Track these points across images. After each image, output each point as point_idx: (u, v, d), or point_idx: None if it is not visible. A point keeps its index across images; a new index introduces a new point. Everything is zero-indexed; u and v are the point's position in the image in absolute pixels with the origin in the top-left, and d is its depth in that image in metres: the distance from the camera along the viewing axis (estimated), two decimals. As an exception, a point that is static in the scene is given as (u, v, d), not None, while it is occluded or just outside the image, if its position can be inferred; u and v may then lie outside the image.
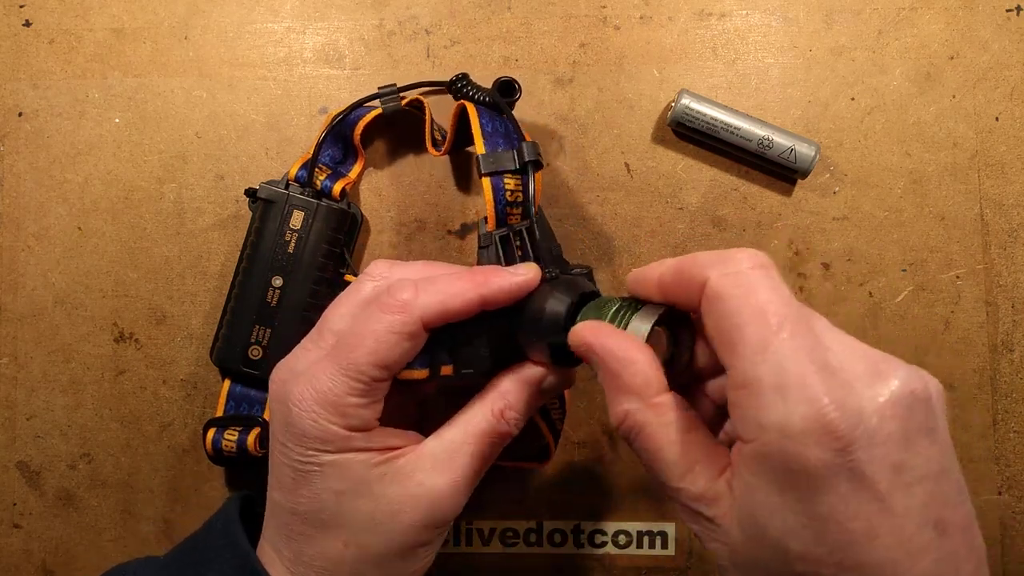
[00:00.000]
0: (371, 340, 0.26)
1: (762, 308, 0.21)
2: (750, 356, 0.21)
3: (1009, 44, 0.38)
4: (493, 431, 0.28)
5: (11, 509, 0.38)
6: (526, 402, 0.29)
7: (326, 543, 0.28)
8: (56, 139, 0.39)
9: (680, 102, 0.37)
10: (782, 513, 0.20)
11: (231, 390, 0.36)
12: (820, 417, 0.20)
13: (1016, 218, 0.38)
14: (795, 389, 0.20)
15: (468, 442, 0.28)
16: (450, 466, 0.28)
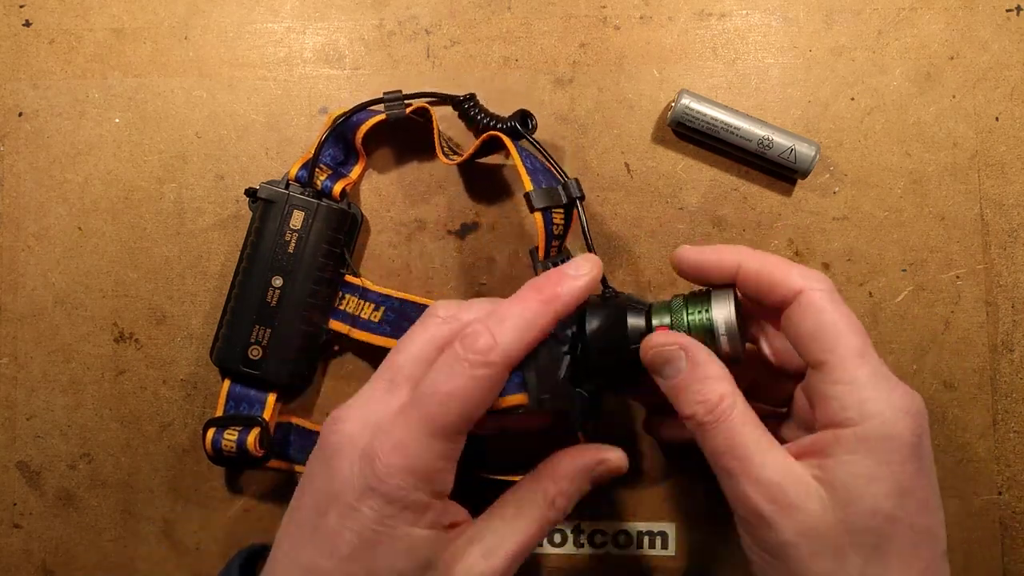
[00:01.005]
0: (459, 399, 0.25)
1: (852, 324, 0.27)
2: (851, 359, 0.26)
3: (1009, 44, 0.38)
4: (544, 519, 0.28)
5: (11, 509, 0.38)
6: (578, 489, 0.29)
7: None
8: (56, 139, 0.39)
9: (680, 102, 0.37)
10: (878, 482, 0.25)
11: (231, 390, 0.36)
12: (914, 408, 0.26)
13: (1016, 218, 0.38)
14: (891, 386, 0.26)
15: (518, 531, 0.28)
16: (500, 554, 0.27)
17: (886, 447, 0.25)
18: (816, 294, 0.27)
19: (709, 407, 0.27)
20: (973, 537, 0.38)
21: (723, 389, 0.27)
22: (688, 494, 0.38)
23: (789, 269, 0.28)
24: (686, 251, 0.30)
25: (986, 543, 0.38)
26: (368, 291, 0.37)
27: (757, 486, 0.26)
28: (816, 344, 0.27)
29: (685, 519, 0.38)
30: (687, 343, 0.28)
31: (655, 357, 0.28)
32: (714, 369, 0.27)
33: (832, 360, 0.26)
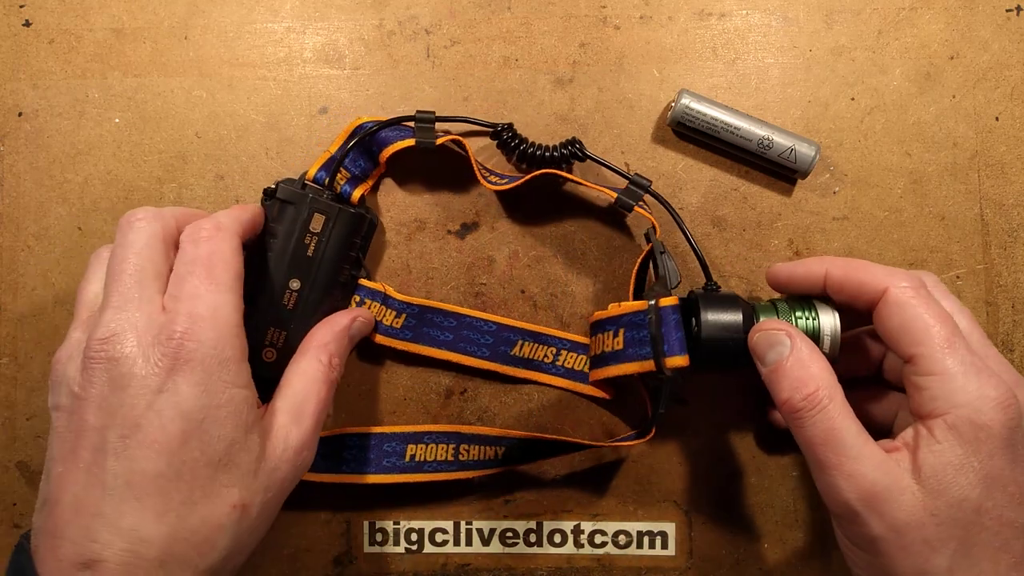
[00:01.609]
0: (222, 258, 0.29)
1: (940, 315, 0.27)
2: (939, 350, 0.27)
3: (1009, 44, 0.38)
4: (329, 377, 0.31)
5: (11, 509, 0.38)
6: (345, 348, 0.33)
7: (213, 507, 0.25)
8: (56, 139, 0.39)
9: (680, 102, 0.37)
10: (966, 471, 0.25)
11: None
12: (1005, 398, 0.26)
13: (1016, 218, 0.38)
14: (985, 376, 0.26)
15: (311, 390, 0.30)
16: (306, 414, 0.30)
17: (975, 436, 0.25)
18: (901, 291, 0.28)
19: (806, 394, 0.28)
20: (973, 537, 0.38)
21: (823, 379, 0.28)
22: (688, 494, 0.38)
23: (874, 270, 0.29)
24: (779, 268, 0.33)
25: (986, 543, 0.38)
26: (389, 297, 0.37)
27: (850, 480, 0.26)
28: (906, 338, 0.28)
29: (685, 519, 0.38)
30: (793, 331, 0.30)
31: (761, 340, 0.30)
32: (817, 359, 0.29)
33: (921, 352, 0.27)
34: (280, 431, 0.28)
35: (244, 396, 0.26)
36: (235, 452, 0.26)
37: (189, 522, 0.24)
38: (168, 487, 0.24)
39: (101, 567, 0.23)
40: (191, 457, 0.25)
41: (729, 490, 0.38)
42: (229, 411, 0.26)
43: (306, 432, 0.29)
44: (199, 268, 0.28)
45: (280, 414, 0.29)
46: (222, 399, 0.25)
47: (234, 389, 0.26)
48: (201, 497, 0.25)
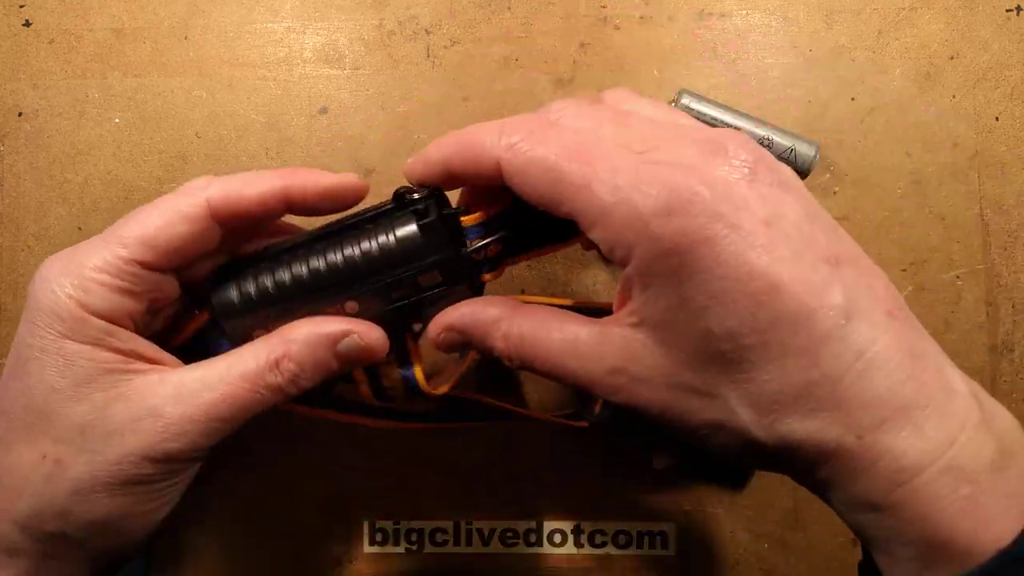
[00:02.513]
0: (143, 215, 0.25)
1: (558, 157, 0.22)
2: (579, 197, 0.21)
3: (1009, 44, 0.38)
4: (259, 379, 0.25)
5: (11, 509, 0.38)
6: (313, 359, 0.25)
7: (22, 452, 0.24)
8: (56, 139, 0.39)
9: (680, 102, 0.37)
10: (687, 305, 0.21)
11: None
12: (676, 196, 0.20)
13: (1016, 218, 0.38)
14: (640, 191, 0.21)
15: (225, 381, 0.25)
16: (193, 400, 0.24)
17: (671, 264, 0.21)
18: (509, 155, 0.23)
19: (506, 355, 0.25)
20: (973, 537, 0.38)
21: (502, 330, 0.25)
22: (688, 494, 0.38)
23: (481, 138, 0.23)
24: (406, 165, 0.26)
25: (986, 543, 0.38)
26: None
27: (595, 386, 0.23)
28: (549, 205, 0.22)
29: (685, 519, 0.38)
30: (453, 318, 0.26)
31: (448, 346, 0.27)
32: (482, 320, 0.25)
33: (570, 209, 0.22)
34: (145, 399, 0.24)
35: (79, 351, 0.24)
36: (58, 402, 0.24)
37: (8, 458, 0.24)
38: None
39: None
40: (11, 396, 0.24)
41: (729, 490, 0.38)
42: (55, 360, 0.24)
43: (178, 415, 0.24)
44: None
45: (166, 384, 0.25)
46: (51, 347, 0.24)
47: (65, 341, 0.24)
48: (15, 440, 0.24)
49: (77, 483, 0.24)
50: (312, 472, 0.38)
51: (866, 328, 0.20)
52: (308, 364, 0.25)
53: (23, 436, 0.24)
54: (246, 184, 0.26)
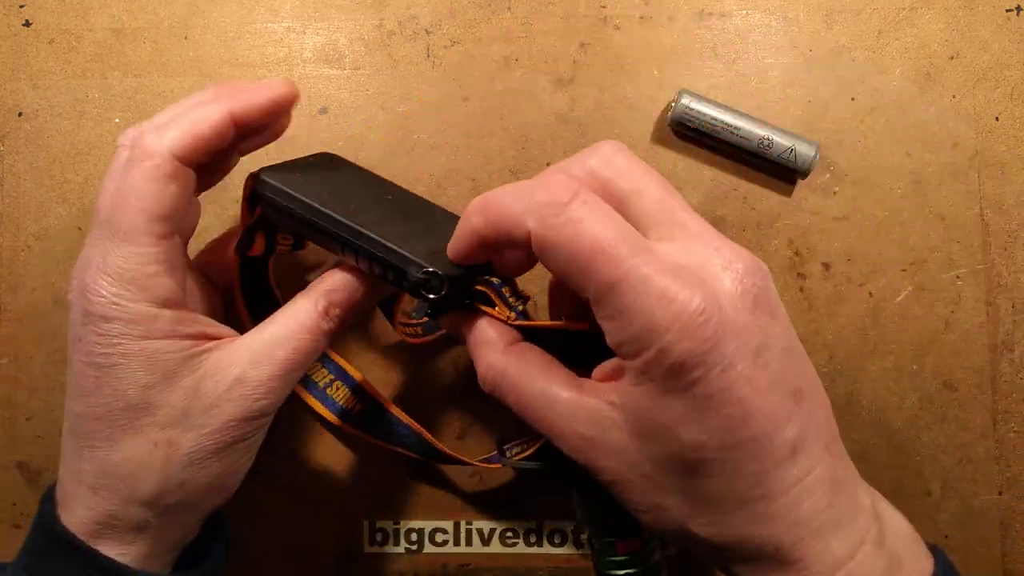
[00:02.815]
0: (134, 197, 0.26)
1: (594, 245, 0.22)
2: (604, 291, 0.22)
3: (1009, 44, 0.38)
4: (316, 328, 0.28)
5: (11, 509, 0.38)
6: (352, 301, 0.29)
7: (133, 444, 0.26)
8: (56, 139, 0.39)
9: (680, 102, 0.37)
10: (668, 411, 0.23)
11: None
12: (693, 318, 0.22)
13: (1016, 218, 0.38)
14: (661, 303, 0.22)
15: (290, 337, 0.28)
16: (270, 359, 0.27)
17: (669, 375, 0.22)
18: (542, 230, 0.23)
19: (484, 380, 0.27)
20: (973, 537, 0.38)
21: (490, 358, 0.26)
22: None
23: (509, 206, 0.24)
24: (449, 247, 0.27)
25: (986, 543, 0.38)
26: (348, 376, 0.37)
27: (560, 440, 0.25)
28: (571, 283, 0.23)
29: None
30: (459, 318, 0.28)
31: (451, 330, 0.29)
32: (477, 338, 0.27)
33: (591, 296, 0.23)
34: (229, 370, 0.27)
35: (160, 347, 0.26)
36: (153, 395, 0.26)
37: (113, 458, 0.27)
38: (93, 427, 0.27)
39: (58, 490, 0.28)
40: (105, 401, 0.26)
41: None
42: (141, 361, 0.26)
43: (263, 377, 0.27)
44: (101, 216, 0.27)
45: (239, 352, 0.27)
46: (133, 350, 0.26)
47: (145, 342, 0.26)
48: (121, 436, 0.26)
49: (191, 456, 0.27)
50: (312, 472, 0.38)
51: (806, 460, 0.23)
52: (347, 307, 0.29)
53: (128, 432, 0.26)
54: (195, 124, 0.27)
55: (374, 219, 0.29)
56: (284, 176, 0.29)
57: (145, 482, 0.27)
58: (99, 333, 0.26)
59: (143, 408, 0.26)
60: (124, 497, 0.27)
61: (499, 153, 0.39)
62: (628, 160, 0.25)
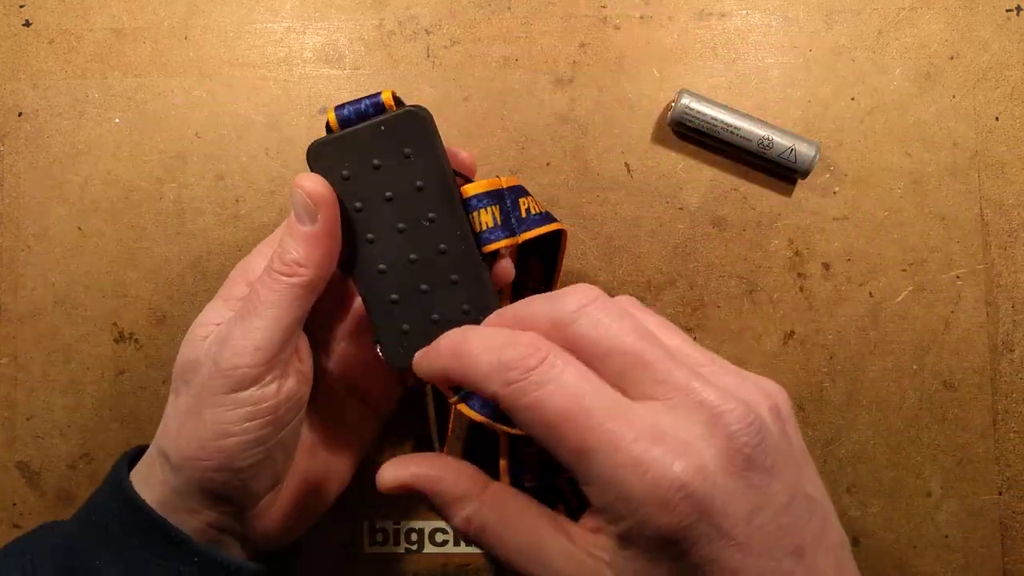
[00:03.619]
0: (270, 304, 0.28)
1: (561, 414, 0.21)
2: (577, 460, 0.21)
3: (1009, 44, 0.38)
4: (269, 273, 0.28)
5: (11, 509, 0.38)
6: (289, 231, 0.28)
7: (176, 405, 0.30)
8: (56, 139, 0.39)
9: (680, 102, 0.37)
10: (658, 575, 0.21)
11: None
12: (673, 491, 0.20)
13: (1016, 218, 0.38)
14: (636, 473, 0.20)
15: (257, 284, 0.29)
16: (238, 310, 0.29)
17: (653, 546, 0.21)
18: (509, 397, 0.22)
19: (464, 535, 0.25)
20: (973, 537, 0.38)
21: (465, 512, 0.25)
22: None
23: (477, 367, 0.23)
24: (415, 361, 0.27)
25: (986, 543, 0.38)
26: None
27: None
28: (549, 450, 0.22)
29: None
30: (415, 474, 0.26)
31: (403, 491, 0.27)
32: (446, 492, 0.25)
33: (564, 463, 0.22)
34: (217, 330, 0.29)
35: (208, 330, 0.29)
36: (190, 369, 0.29)
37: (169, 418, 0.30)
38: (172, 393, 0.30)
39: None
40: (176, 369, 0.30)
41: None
42: (194, 336, 0.29)
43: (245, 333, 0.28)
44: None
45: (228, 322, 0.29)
46: (196, 327, 0.30)
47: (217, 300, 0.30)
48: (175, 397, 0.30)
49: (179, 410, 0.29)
50: (312, 472, 0.38)
51: None
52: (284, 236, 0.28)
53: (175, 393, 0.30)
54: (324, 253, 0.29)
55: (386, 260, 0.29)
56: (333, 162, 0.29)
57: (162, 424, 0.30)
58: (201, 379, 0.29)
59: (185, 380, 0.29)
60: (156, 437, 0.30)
61: (499, 153, 0.39)
62: (604, 310, 0.23)
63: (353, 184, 0.29)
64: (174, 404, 0.30)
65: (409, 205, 0.29)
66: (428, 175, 0.29)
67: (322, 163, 0.29)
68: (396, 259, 0.29)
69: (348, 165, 0.29)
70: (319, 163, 0.29)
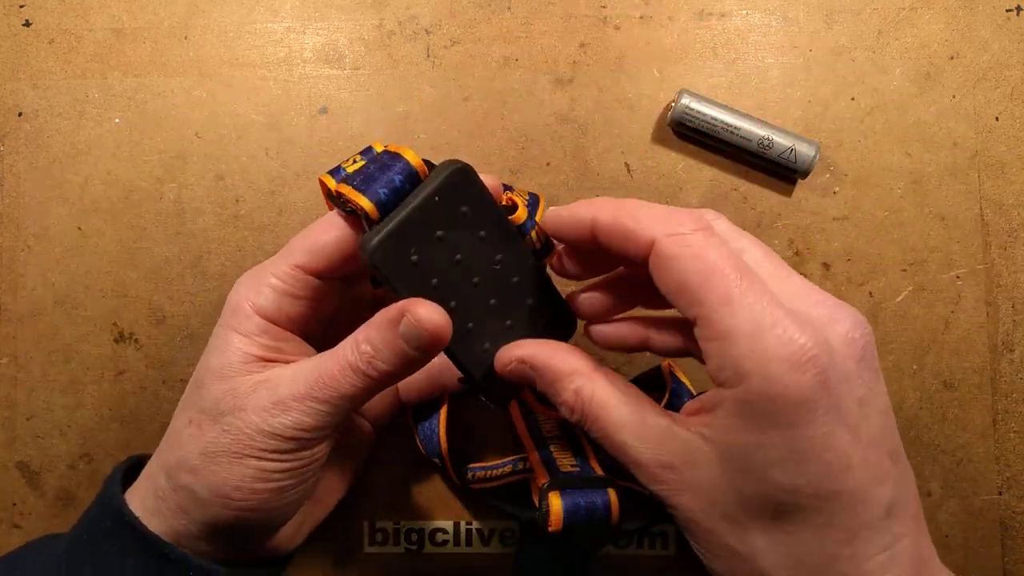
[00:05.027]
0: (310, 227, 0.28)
1: (716, 265, 0.23)
2: (718, 308, 0.22)
3: (1009, 44, 0.38)
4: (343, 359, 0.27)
5: (11, 509, 0.38)
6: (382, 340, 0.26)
7: (180, 415, 0.29)
8: (56, 139, 0.39)
9: (680, 102, 0.37)
10: (766, 449, 0.22)
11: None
12: (802, 354, 0.21)
13: (1016, 218, 0.38)
14: (772, 332, 0.22)
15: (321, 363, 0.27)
16: (299, 380, 0.27)
17: (771, 409, 0.22)
18: (670, 241, 0.23)
19: (570, 409, 0.26)
20: (973, 537, 0.38)
21: (575, 385, 0.26)
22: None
23: (643, 216, 0.24)
24: (549, 213, 0.28)
25: (986, 543, 0.38)
26: None
27: (640, 469, 0.25)
28: (682, 299, 0.23)
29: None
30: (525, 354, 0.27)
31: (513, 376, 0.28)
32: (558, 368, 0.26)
33: (701, 313, 0.23)
34: (269, 383, 0.27)
35: (238, 341, 0.28)
36: (209, 380, 0.28)
37: (171, 423, 0.29)
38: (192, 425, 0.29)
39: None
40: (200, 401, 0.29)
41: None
42: (217, 346, 0.28)
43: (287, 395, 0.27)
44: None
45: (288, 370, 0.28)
46: (220, 335, 0.29)
47: (232, 332, 0.28)
48: (179, 406, 0.29)
49: (207, 447, 0.27)
50: (312, 472, 0.38)
51: (897, 526, 0.23)
52: (379, 344, 0.26)
53: (183, 403, 0.29)
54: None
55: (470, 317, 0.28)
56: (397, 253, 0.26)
57: (172, 450, 0.28)
58: (221, 316, 0.29)
59: (197, 386, 0.28)
60: (161, 460, 0.29)
61: (499, 153, 0.39)
62: (729, 224, 0.26)
63: (422, 265, 0.27)
64: (197, 437, 0.28)
65: (478, 258, 0.28)
66: (486, 223, 0.28)
67: (389, 261, 0.26)
68: (478, 312, 0.28)
69: (415, 249, 0.26)
70: (386, 263, 0.26)
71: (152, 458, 0.30)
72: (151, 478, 0.29)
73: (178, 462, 0.28)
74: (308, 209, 0.39)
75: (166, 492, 0.28)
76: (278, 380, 0.27)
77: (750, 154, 0.37)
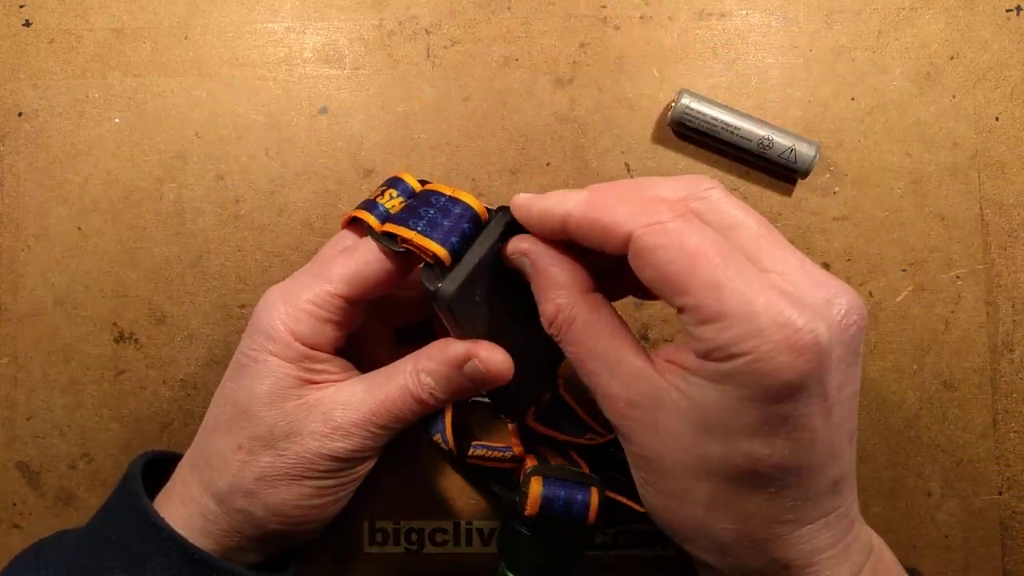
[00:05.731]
0: (348, 256, 0.29)
1: (700, 250, 0.22)
2: (706, 295, 0.22)
3: (1009, 44, 0.38)
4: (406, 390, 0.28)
5: (11, 509, 0.38)
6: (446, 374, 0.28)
7: (224, 441, 0.29)
8: (56, 139, 0.39)
9: (680, 102, 0.37)
10: (740, 416, 0.22)
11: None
12: (799, 338, 0.21)
13: (1016, 218, 0.38)
14: (768, 314, 0.21)
15: (382, 391, 0.29)
16: (357, 407, 0.28)
17: (755, 385, 0.22)
18: (645, 233, 0.23)
19: (549, 321, 0.26)
20: (973, 537, 0.38)
21: (560, 300, 0.26)
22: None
23: (616, 211, 0.24)
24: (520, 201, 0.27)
25: (986, 543, 0.38)
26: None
27: (606, 400, 0.25)
28: (667, 289, 0.23)
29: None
30: (530, 249, 0.26)
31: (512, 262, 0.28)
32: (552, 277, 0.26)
33: (689, 303, 0.22)
34: (322, 407, 0.28)
35: (283, 367, 0.28)
36: (256, 406, 0.28)
37: (209, 445, 0.29)
38: (212, 414, 0.30)
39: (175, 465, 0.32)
40: (226, 395, 0.29)
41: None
42: (262, 372, 0.28)
43: (345, 420, 0.28)
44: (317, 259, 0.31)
45: (340, 394, 0.29)
46: (260, 360, 0.28)
47: (271, 357, 0.28)
48: (222, 429, 0.29)
49: (263, 471, 0.28)
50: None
51: (840, 499, 0.24)
52: (441, 380, 0.28)
53: (226, 426, 0.29)
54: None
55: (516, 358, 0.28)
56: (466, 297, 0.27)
57: (220, 476, 0.29)
58: (249, 336, 0.29)
59: (243, 413, 0.28)
60: (204, 483, 0.29)
61: (499, 153, 0.39)
62: (723, 194, 0.25)
63: (481, 306, 0.27)
64: (250, 464, 0.28)
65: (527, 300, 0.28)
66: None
67: (460, 306, 0.27)
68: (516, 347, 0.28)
69: (479, 292, 0.27)
70: (458, 308, 0.27)
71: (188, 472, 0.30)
72: (194, 501, 0.29)
73: (231, 488, 0.29)
74: (308, 209, 0.39)
75: (217, 515, 0.29)
76: (332, 404, 0.28)
77: (750, 154, 0.37)
